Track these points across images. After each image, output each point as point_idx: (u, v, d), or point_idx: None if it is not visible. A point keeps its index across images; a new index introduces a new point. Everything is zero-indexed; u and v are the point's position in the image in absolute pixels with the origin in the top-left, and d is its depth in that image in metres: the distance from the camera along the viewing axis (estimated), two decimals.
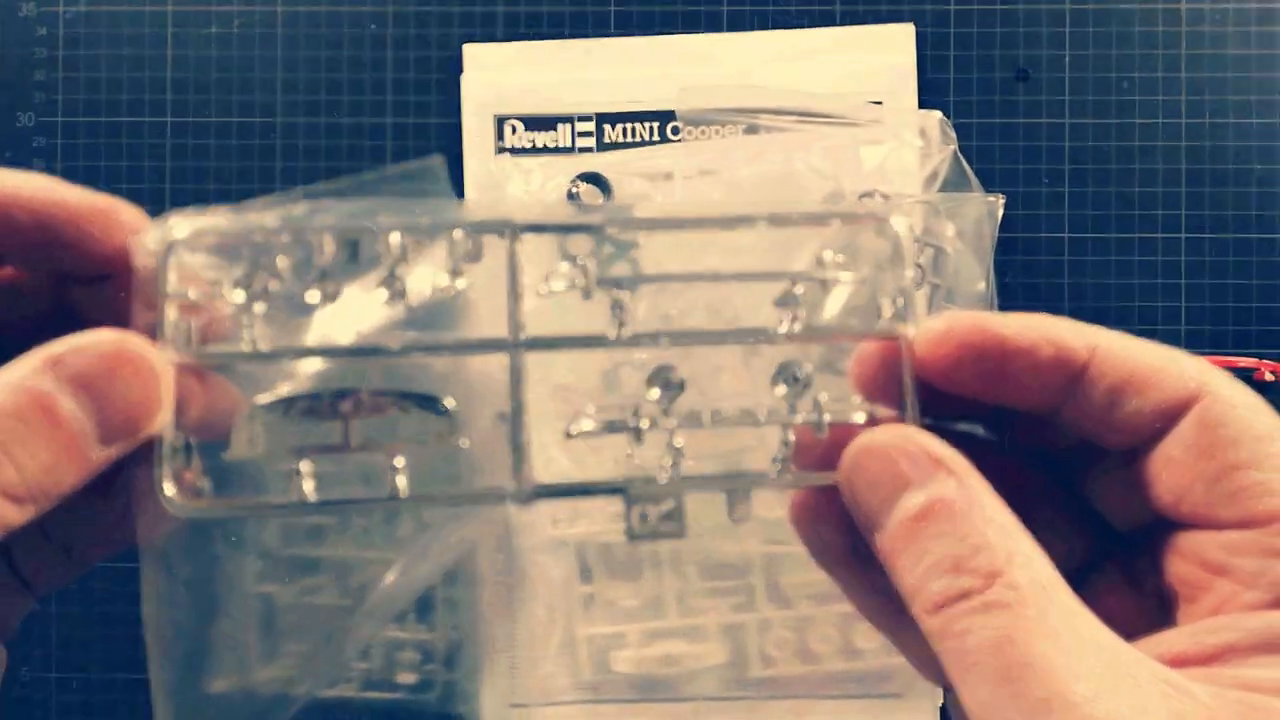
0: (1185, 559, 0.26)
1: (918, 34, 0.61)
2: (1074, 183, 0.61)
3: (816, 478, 0.28)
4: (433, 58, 0.62)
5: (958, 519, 0.24)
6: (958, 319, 0.27)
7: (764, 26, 0.62)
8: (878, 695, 0.56)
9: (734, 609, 0.57)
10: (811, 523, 0.29)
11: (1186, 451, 0.25)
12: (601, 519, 0.56)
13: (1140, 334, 0.60)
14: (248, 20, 0.63)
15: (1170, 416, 0.26)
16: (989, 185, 0.59)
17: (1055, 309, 0.60)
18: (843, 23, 0.61)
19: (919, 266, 0.57)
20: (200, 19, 0.63)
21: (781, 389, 0.28)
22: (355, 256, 0.28)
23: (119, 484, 0.28)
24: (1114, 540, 0.29)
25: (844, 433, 0.28)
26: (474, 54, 0.62)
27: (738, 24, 0.62)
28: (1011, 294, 0.60)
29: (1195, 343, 0.60)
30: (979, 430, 0.31)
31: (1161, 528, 0.27)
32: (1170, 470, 0.26)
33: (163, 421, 0.27)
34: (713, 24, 0.62)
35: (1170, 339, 0.61)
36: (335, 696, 0.59)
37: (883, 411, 0.28)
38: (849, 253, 0.29)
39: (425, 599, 0.58)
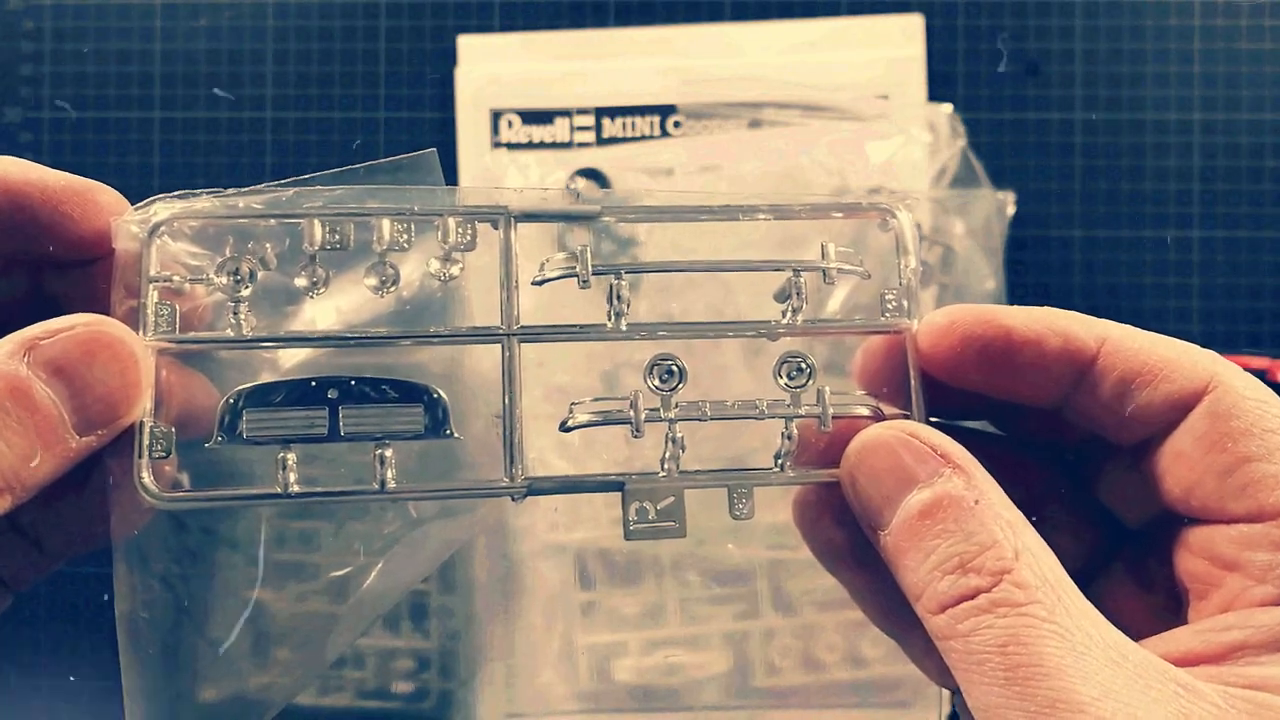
0: (1195, 554, 0.26)
1: (926, 26, 0.60)
2: (1085, 179, 0.60)
3: (818, 475, 0.27)
4: (427, 49, 0.62)
5: (964, 516, 0.24)
6: (962, 311, 0.27)
7: (768, 17, 0.61)
8: (885, 705, 0.56)
9: (737, 616, 0.56)
10: (815, 521, 0.29)
11: (1197, 443, 0.25)
12: (601, 524, 0.56)
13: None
14: (237, 12, 0.62)
15: (1181, 409, 0.26)
16: (998, 181, 0.58)
17: (1065, 308, 0.61)
18: (849, 13, 0.61)
19: (926, 264, 0.56)
20: (189, 11, 0.62)
21: (784, 380, 0.27)
22: (345, 243, 0.27)
23: (93, 477, 0.27)
24: (1122, 538, 0.29)
25: (847, 429, 0.27)
26: (469, 45, 0.61)
27: (741, 14, 0.61)
28: (1022, 293, 0.59)
29: (1207, 343, 0.59)
30: (986, 426, 0.30)
31: (1171, 523, 0.27)
32: (1180, 463, 0.26)
33: (141, 409, 0.26)
34: (715, 14, 0.61)
35: (1182, 339, 0.61)
36: (330, 705, 0.59)
37: (887, 408, 0.28)
38: (855, 248, 0.28)
39: (420, 606, 0.58)
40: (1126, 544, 0.29)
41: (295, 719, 0.59)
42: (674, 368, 0.27)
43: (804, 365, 0.27)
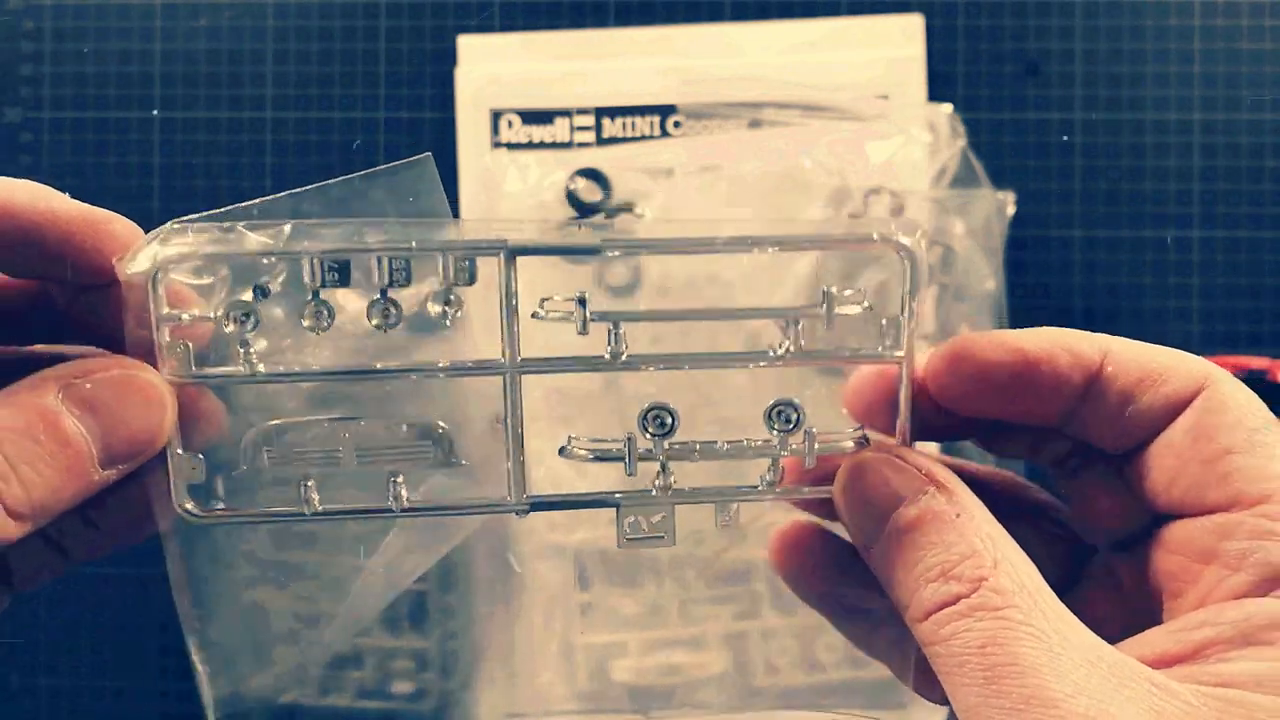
0: (1174, 552, 0.27)
1: (926, 26, 0.60)
2: (1085, 179, 0.61)
3: (808, 491, 0.29)
4: (426, 49, 0.62)
5: (946, 529, 0.26)
6: (974, 339, 0.28)
7: (768, 17, 0.61)
8: (884, 705, 0.56)
9: (736, 617, 0.56)
10: (794, 564, 0.31)
11: (1186, 434, 0.27)
12: (600, 524, 0.56)
13: (1152, 334, 0.60)
14: (237, 12, 0.62)
15: (1177, 408, 0.27)
16: (998, 181, 0.58)
17: (1066, 308, 0.61)
18: (849, 13, 0.61)
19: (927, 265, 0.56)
20: (189, 11, 0.62)
21: (776, 427, 0.29)
22: (346, 279, 0.27)
23: (116, 494, 0.28)
24: (1098, 548, 0.30)
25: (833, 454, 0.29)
26: (469, 45, 0.61)
27: (741, 14, 0.61)
28: (1021, 293, 0.59)
29: (1208, 343, 0.60)
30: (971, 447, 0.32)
31: (1150, 527, 0.28)
32: (1169, 453, 0.27)
33: (161, 446, 0.27)
34: (715, 14, 0.61)
35: (1182, 339, 0.61)
36: (330, 705, 0.59)
37: (874, 435, 0.29)
38: (856, 259, 0.28)
39: (420, 606, 0.58)
40: (1103, 555, 0.30)
41: (296, 719, 0.59)
42: (667, 418, 0.28)
43: (794, 414, 0.28)
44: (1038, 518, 0.31)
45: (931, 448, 0.34)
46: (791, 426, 0.28)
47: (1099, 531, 0.30)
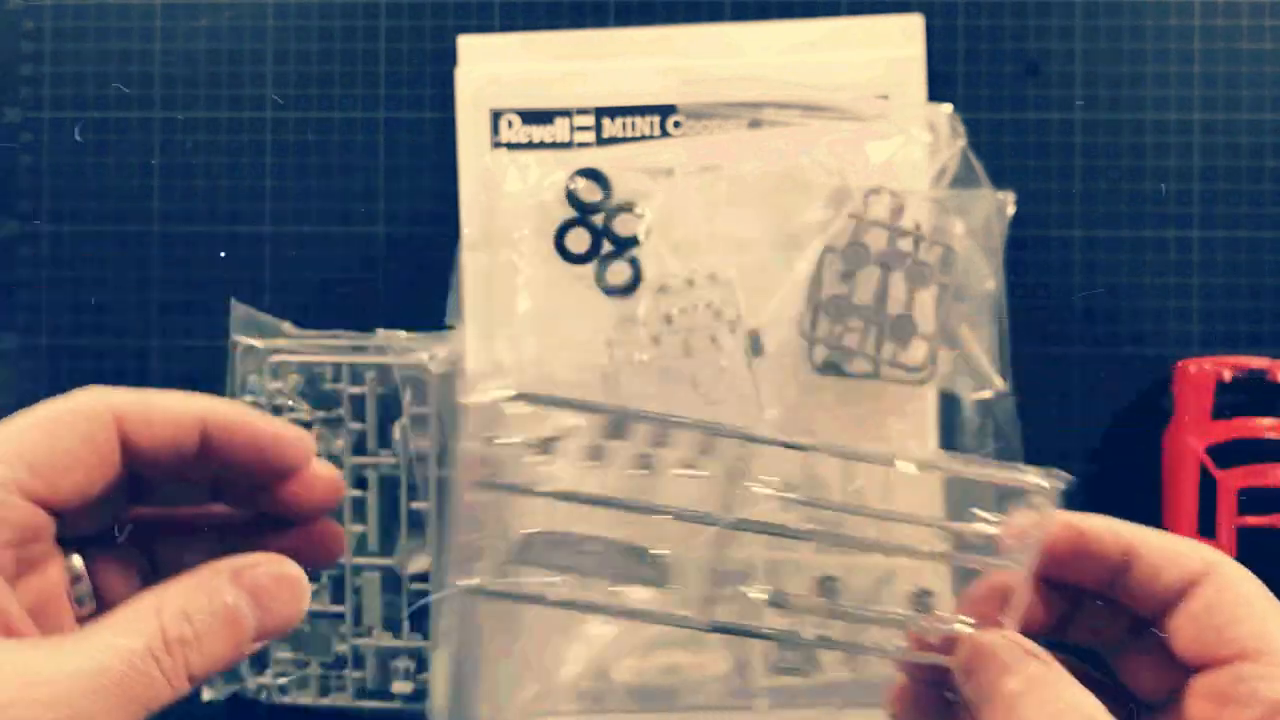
0: (1201, 698, 0.35)
1: (926, 26, 0.60)
2: (1085, 179, 0.61)
3: (932, 657, 0.37)
4: (426, 49, 0.62)
5: (1049, 689, 0.33)
6: (1058, 520, 0.37)
7: (768, 17, 0.61)
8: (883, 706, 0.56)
9: (737, 616, 0.56)
10: (907, 713, 0.39)
11: (1202, 606, 0.35)
12: (601, 522, 0.56)
13: (1152, 334, 0.59)
14: (237, 13, 0.62)
15: (1193, 583, 0.36)
16: (998, 181, 0.58)
17: (1065, 308, 0.61)
18: (849, 13, 0.61)
19: (926, 264, 0.56)
20: (189, 11, 0.62)
21: (915, 606, 0.37)
22: (621, 436, 0.37)
23: None
24: (1149, 704, 0.38)
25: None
26: (469, 45, 0.61)
27: (741, 14, 0.61)
28: (1021, 293, 0.60)
29: (1208, 342, 0.60)
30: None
31: (1180, 684, 0.36)
32: (1192, 622, 0.35)
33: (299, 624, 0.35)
34: (715, 14, 0.61)
35: (1183, 339, 0.61)
36: (330, 705, 0.59)
37: (986, 623, 0.37)
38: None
39: (421, 606, 0.58)
40: (1154, 708, 0.38)
41: (296, 719, 0.59)
42: (834, 586, 0.39)
43: (930, 601, 0.37)
44: (1100, 683, 0.38)
45: None
46: (926, 610, 0.37)
47: (1147, 691, 0.38)
